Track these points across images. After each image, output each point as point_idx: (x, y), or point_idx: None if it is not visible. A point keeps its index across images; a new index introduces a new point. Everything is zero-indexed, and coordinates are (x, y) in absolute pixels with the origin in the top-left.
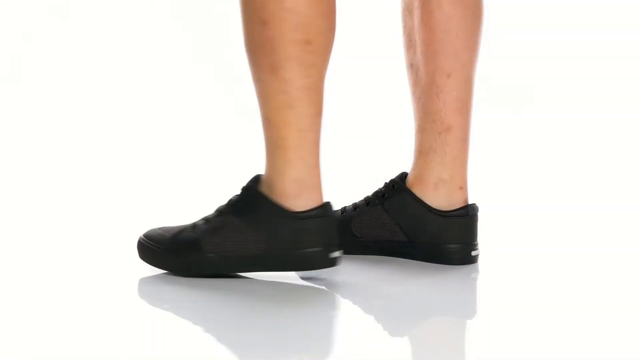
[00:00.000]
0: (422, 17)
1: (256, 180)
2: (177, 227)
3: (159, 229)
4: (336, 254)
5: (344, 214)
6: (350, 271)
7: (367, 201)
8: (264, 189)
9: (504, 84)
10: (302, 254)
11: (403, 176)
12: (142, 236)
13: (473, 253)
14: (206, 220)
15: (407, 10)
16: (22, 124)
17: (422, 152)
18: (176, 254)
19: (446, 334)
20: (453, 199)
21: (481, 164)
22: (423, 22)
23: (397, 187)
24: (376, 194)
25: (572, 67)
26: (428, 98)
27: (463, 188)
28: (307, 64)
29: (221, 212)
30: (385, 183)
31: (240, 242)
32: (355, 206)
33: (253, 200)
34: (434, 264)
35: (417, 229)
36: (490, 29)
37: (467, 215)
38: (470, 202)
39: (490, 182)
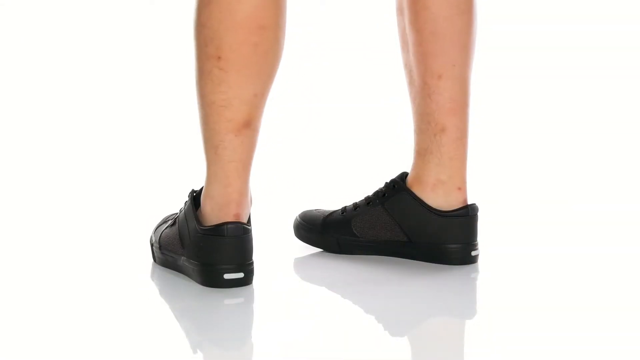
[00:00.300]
0: (410, 18)
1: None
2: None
3: None
4: (231, 275)
5: (344, 213)
6: (350, 271)
7: (368, 201)
8: None
9: (503, 82)
10: (201, 269)
11: (403, 176)
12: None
13: (473, 253)
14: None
15: (399, 11)
16: (21, 122)
17: (420, 153)
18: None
19: (446, 334)
20: (452, 200)
21: (481, 164)
22: (411, 24)
23: (398, 187)
24: (377, 193)
25: (573, 66)
26: (422, 99)
27: (462, 189)
28: (216, 80)
29: (180, 210)
30: (386, 183)
31: (172, 240)
32: (356, 206)
33: (186, 206)
34: (434, 264)
35: (417, 229)
36: (488, 27)
37: (467, 215)
38: (470, 202)
39: (490, 182)
